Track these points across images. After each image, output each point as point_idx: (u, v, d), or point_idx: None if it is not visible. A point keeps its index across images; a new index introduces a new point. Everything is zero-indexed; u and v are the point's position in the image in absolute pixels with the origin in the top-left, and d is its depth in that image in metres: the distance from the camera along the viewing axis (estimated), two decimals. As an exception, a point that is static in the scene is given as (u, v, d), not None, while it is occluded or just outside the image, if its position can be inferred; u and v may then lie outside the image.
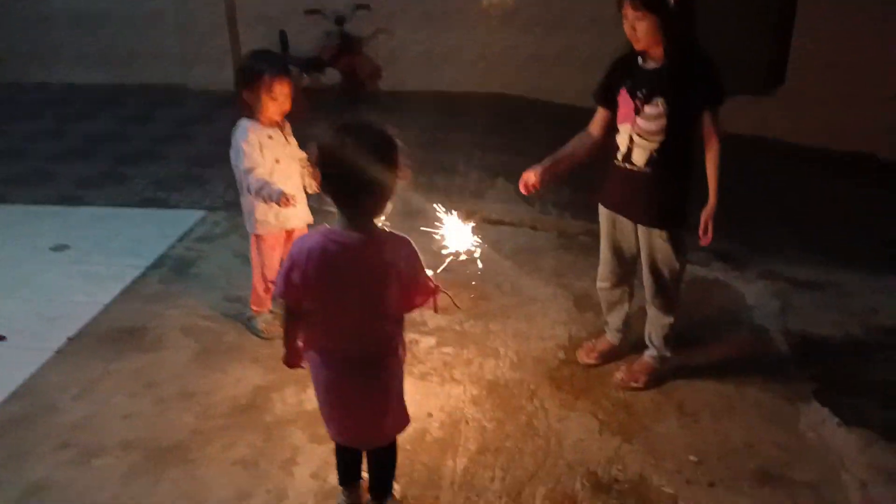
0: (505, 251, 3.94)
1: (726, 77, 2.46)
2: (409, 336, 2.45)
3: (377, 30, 6.73)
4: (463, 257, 2.24)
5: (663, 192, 2.62)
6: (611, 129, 2.68)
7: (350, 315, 1.87)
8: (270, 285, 3.04)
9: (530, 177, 2.65)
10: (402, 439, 2.27)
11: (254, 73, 2.78)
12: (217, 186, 4.75)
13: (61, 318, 3.27)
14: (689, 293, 3.19)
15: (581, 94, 3.26)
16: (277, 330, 3.01)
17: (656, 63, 2.51)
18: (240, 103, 2.84)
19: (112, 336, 3.16)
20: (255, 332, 3.15)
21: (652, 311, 2.86)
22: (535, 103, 6.64)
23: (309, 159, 1.93)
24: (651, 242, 2.70)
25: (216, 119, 6.14)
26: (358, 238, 1.82)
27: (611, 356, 3.03)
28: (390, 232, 1.89)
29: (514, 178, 2.73)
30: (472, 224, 2.29)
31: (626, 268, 2.86)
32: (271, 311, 3.18)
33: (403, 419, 2.06)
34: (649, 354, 2.92)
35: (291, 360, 1.98)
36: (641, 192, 2.65)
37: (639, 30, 2.43)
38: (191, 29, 6.96)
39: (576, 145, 2.75)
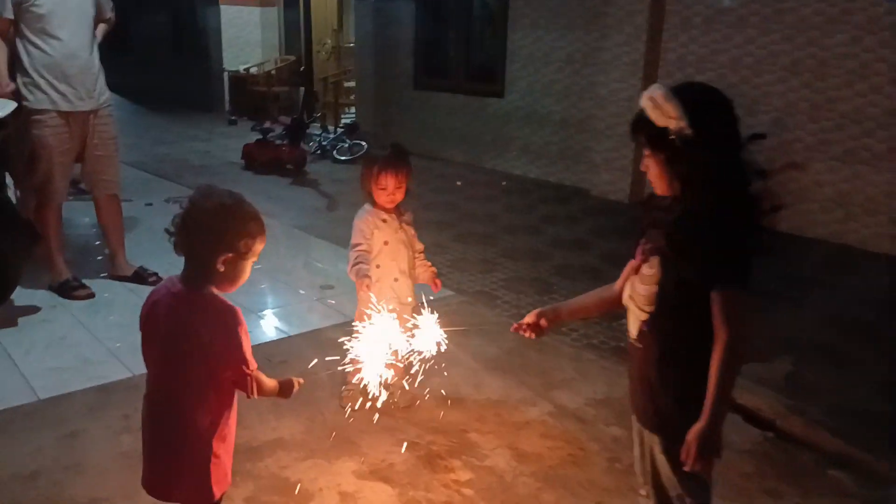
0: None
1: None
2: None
3: (788, 163, 5.93)
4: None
5: (656, 382, 1.89)
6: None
7: (154, 361, 1.96)
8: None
9: (533, 320, 2.20)
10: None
11: (366, 165, 3.02)
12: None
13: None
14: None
15: None
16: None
17: (673, 213, 1.85)
18: (362, 190, 3.09)
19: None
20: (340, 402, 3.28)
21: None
22: None
23: None
24: (650, 446, 1.97)
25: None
26: (178, 291, 1.92)
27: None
28: (216, 297, 1.92)
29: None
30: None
31: None
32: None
33: (200, 494, 1.99)
34: None
35: None
36: (635, 375, 1.97)
37: (650, 171, 1.86)
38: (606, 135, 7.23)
39: (594, 298, 2.18)
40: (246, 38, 13.34)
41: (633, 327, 1.93)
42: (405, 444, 2.93)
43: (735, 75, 6.25)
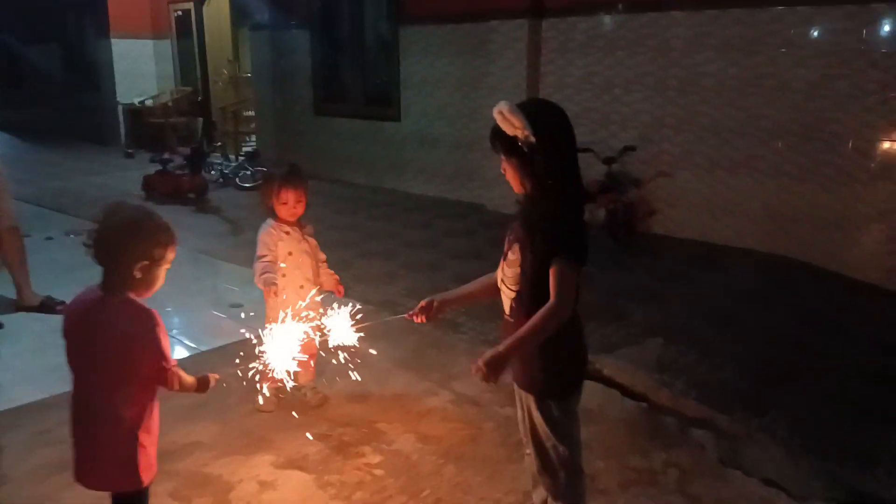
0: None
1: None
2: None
3: (658, 172, 6.56)
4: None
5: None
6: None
7: (74, 359, 2.16)
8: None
9: (423, 305, 2.52)
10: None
11: (266, 182, 3.30)
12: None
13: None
14: None
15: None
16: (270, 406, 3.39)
17: (525, 207, 2.23)
18: (263, 206, 3.35)
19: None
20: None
21: (543, 493, 2.38)
22: (822, 275, 5.56)
23: None
24: (527, 406, 2.32)
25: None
26: (97, 297, 2.13)
27: (527, 543, 2.56)
28: (134, 301, 2.14)
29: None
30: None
31: None
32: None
33: (127, 479, 2.18)
34: (546, 553, 2.40)
35: None
36: (508, 346, 2.32)
37: (507, 173, 2.23)
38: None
39: (477, 285, 2.53)
40: (140, 70, 13.20)
41: (506, 305, 2.29)
42: (311, 436, 3.18)
43: (608, 94, 6.86)
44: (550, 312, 2.07)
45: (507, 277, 2.25)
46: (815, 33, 5.61)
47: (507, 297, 2.27)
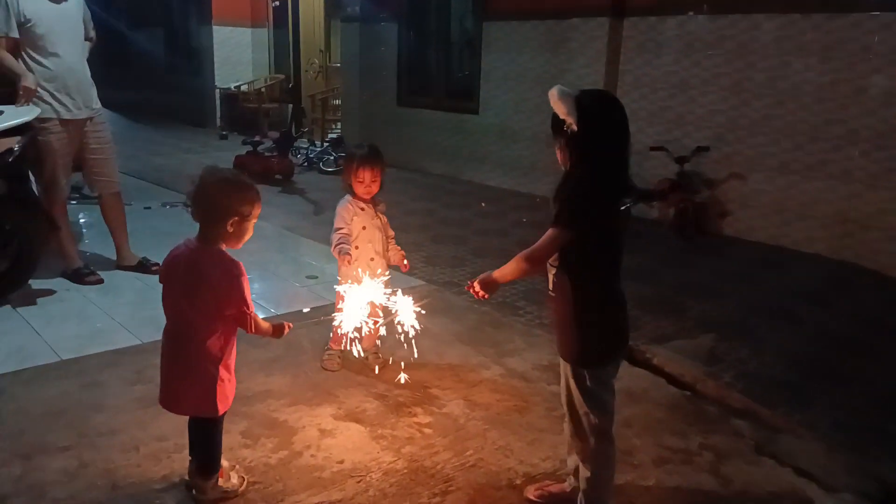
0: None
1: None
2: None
3: (731, 174, 6.57)
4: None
5: (560, 319, 2.48)
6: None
7: (169, 298, 2.52)
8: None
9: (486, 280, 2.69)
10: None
11: (347, 161, 3.60)
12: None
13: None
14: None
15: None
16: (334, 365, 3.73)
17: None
18: (343, 182, 3.66)
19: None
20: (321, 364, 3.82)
21: (577, 459, 2.59)
22: (889, 282, 5.51)
23: None
24: (565, 374, 2.53)
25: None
26: (195, 247, 2.48)
27: (558, 502, 2.77)
28: (225, 253, 2.49)
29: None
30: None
31: None
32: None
33: (206, 405, 2.51)
34: (577, 512, 2.61)
35: None
36: (554, 319, 2.57)
37: (557, 152, 2.44)
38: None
39: None
40: (238, 58, 13.91)
41: (550, 281, 2.50)
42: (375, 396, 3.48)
43: (684, 94, 6.90)
44: (521, 257, 2.39)
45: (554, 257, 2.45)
46: (894, 40, 5.53)
47: (550, 272, 2.48)
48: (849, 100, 5.79)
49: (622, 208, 2.38)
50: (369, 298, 3.03)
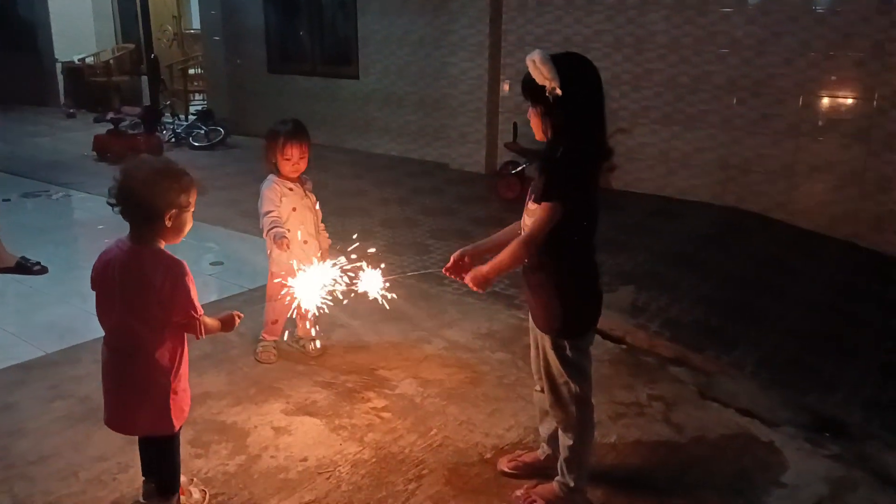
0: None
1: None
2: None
3: (617, 129, 6.79)
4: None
5: (542, 293, 2.43)
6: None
7: (109, 311, 2.24)
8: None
9: (458, 257, 2.55)
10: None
11: (271, 138, 3.34)
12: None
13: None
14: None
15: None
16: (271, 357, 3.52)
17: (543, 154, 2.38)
18: (266, 162, 3.40)
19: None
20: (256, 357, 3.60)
21: (553, 424, 2.59)
22: (772, 223, 5.93)
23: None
24: (542, 345, 2.50)
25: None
26: (129, 248, 2.21)
27: (534, 471, 2.76)
28: (165, 252, 2.23)
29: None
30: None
31: None
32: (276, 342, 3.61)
33: (162, 423, 2.28)
34: (557, 479, 2.61)
35: None
36: (530, 292, 2.49)
37: (531, 120, 2.35)
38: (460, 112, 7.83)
39: (505, 235, 2.57)
40: (79, 28, 12.71)
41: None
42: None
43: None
44: (523, 244, 2.30)
45: (527, 227, 2.39)
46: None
47: (529, 248, 2.42)
48: (726, 51, 6.11)
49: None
50: (324, 279, 2.83)
